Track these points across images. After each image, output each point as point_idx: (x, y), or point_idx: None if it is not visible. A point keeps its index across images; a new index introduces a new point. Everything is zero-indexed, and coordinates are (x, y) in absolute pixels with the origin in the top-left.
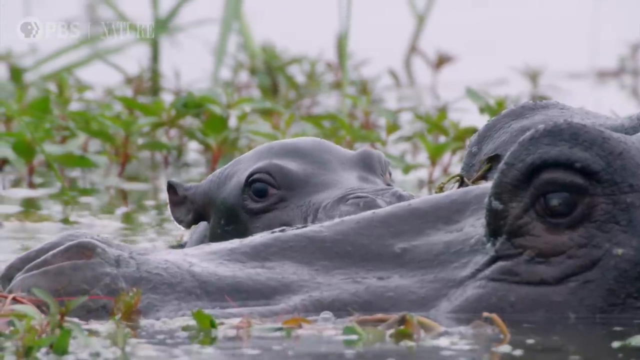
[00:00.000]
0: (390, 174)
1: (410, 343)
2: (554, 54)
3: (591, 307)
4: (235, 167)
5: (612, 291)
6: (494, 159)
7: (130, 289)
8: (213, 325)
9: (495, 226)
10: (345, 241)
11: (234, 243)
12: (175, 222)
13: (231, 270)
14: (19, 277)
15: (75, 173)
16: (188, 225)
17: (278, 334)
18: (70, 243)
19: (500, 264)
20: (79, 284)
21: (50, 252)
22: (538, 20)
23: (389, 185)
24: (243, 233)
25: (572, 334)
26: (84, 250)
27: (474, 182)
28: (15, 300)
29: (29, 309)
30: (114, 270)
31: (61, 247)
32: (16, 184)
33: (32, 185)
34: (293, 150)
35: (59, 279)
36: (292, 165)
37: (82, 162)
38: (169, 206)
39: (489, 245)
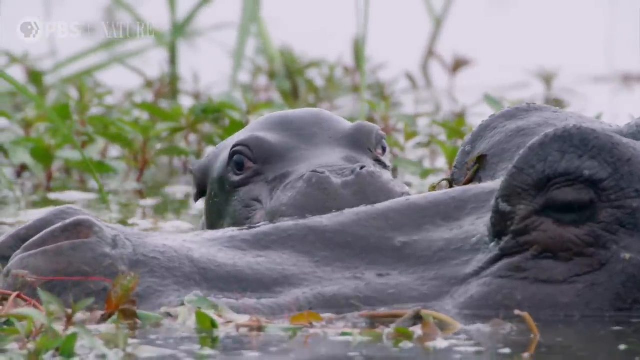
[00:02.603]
0: (384, 149)
1: (429, 343)
2: (571, 57)
3: (598, 311)
4: (230, 139)
5: (619, 295)
6: (481, 159)
7: (129, 272)
8: (214, 325)
9: (502, 227)
10: (345, 232)
11: (233, 231)
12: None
13: (231, 258)
14: (16, 255)
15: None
16: (195, 199)
17: (289, 333)
18: (68, 221)
19: (506, 260)
20: (79, 265)
21: (49, 230)
22: (554, 23)
23: (377, 160)
24: (225, 206)
25: (578, 333)
26: (81, 229)
27: (464, 184)
28: (18, 298)
29: (32, 311)
30: (113, 252)
31: (59, 225)
32: (35, 189)
33: (50, 191)
34: (284, 122)
35: (58, 259)
36: (275, 138)
37: (100, 167)
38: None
39: (492, 244)
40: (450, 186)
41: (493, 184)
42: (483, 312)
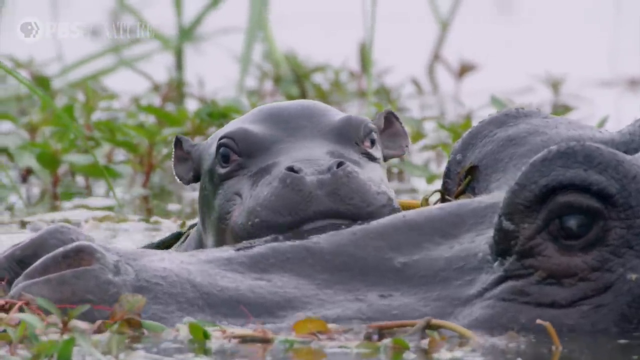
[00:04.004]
0: (372, 141)
1: (446, 355)
2: (576, 62)
3: (603, 332)
4: (221, 130)
5: (625, 316)
6: (473, 170)
7: (134, 295)
8: (206, 336)
9: (505, 246)
10: (344, 253)
11: (229, 252)
12: (177, 179)
13: (232, 282)
14: (19, 284)
15: (100, 183)
16: (188, 183)
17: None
18: (69, 247)
19: (510, 283)
20: (83, 294)
21: (50, 256)
22: (560, 29)
23: (364, 153)
24: (212, 199)
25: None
26: (83, 255)
27: (456, 197)
28: (24, 307)
29: (31, 317)
30: (116, 278)
31: (59, 251)
32: (41, 195)
33: (56, 196)
34: (273, 114)
35: (62, 289)
36: (261, 130)
37: (106, 172)
38: (173, 161)
39: (496, 264)
40: (443, 197)
41: (489, 198)
42: (488, 334)
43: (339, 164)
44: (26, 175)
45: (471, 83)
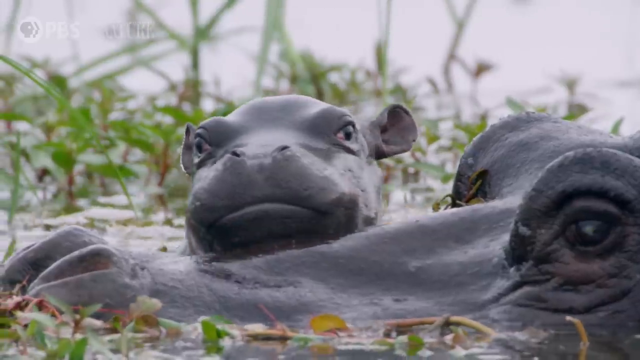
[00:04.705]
0: (348, 134)
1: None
2: (593, 62)
3: (621, 337)
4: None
5: None
6: (483, 174)
7: (151, 299)
8: (219, 335)
9: (522, 251)
10: (358, 258)
11: (244, 255)
12: (182, 167)
13: (249, 286)
14: (35, 286)
15: (117, 182)
16: (191, 174)
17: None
18: (85, 251)
19: (526, 289)
20: (100, 297)
21: (66, 259)
22: (576, 28)
23: (336, 144)
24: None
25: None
26: (99, 259)
27: (467, 201)
28: (39, 305)
29: (43, 316)
30: (133, 282)
31: (76, 255)
32: (57, 194)
33: (71, 196)
34: (255, 106)
35: (80, 292)
36: (235, 121)
37: (122, 172)
38: (182, 149)
39: (512, 270)
40: (454, 201)
41: (503, 204)
42: (506, 334)
43: (282, 149)
44: (42, 175)
45: (488, 82)
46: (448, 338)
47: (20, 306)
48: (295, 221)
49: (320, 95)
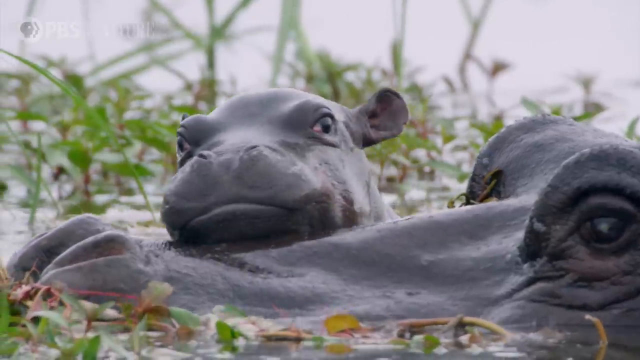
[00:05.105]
0: (326, 127)
1: (477, 350)
2: (609, 61)
3: (636, 335)
4: None
5: None
6: (498, 174)
7: (161, 284)
8: (234, 335)
9: (536, 247)
10: (370, 249)
11: (257, 246)
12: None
13: (262, 275)
14: (49, 271)
15: (131, 182)
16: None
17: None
18: (100, 237)
19: (540, 285)
20: (114, 282)
21: (80, 245)
22: (593, 27)
23: (312, 137)
24: None
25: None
26: (114, 245)
27: (481, 201)
28: (48, 293)
29: (55, 314)
30: (147, 268)
31: (90, 240)
32: (73, 192)
33: (87, 194)
34: (235, 102)
35: (94, 276)
36: (214, 119)
37: (137, 170)
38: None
39: (526, 266)
40: (468, 200)
41: (517, 202)
42: (520, 332)
43: (250, 149)
44: (58, 173)
45: (504, 81)
46: (463, 338)
47: (29, 295)
48: (264, 220)
49: (336, 95)
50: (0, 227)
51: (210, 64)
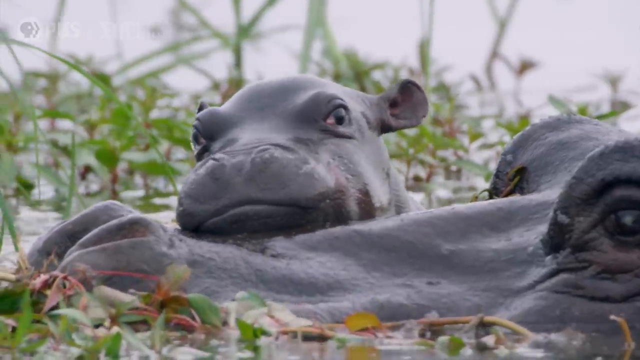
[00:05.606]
0: (340, 118)
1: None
2: (637, 59)
3: None
4: None
5: None
6: (521, 171)
7: (181, 265)
8: (256, 334)
9: (560, 240)
10: (391, 236)
11: (277, 233)
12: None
13: (284, 260)
14: (72, 252)
15: (158, 181)
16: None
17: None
18: (124, 219)
19: (563, 276)
20: (138, 263)
21: (104, 227)
22: (620, 25)
23: (326, 130)
24: None
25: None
26: (138, 227)
27: (504, 197)
28: (64, 280)
29: (76, 313)
30: (170, 251)
31: (114, 223)
32: (100, 191)
33: (114, 193)
34: (247, 93)
35: (118, 257)
36: (227, 112)
37: (164, 169)
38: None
39: (548, 258)
40: (491, 196)
41: (540, 196)
42: (540, 326)
43: (262, 151)
44: (85, 172)
45: (531, 80)
46: (488, 339)
47: (47, 284)
48: (277, 220)
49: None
50: (33, 227)
51: (238, 62)
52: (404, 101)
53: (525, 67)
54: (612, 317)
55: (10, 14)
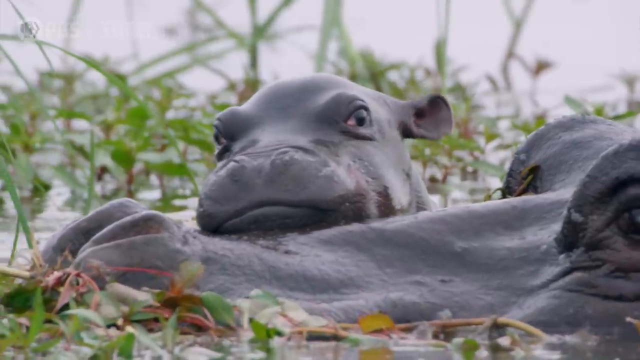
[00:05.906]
0: (360, 120)
1: (521, 353)
2: None
3: None
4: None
5: None
6: (535, 170)
7: (194, 261)
8: (269, 335)
9: (574, 238)
10: (404, 232)
11: (291, 230)
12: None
13: (297, 256)
14: (86, 248)
15: (174, 182)
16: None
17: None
18: (138, 216)
19: (576, 274)
20: (152, 260)
21: (118, 224)
22: (637, 24)
23: (346, 132)
24: None
25: None
26: (152, 224)
27: (517, 196)
28: (77, 277)
29: (88, 313)
30: (185, 248)
31: (128, 219)
32: (116, 192)
33: (130, 194)
34: (269, 93)
35: (132, 253)
36: (248, 112)
37: (181, 170)
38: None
39: (562, 257)
40: (504, 195)
41: (554, 195)
42: (554, 326)
43: (282, 152)
44: (101, 173)
45: (547, 80)
46: (503, 340)
47: (60, 282)
48: (296, 221)
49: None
50: (52, 226)
51: (253, 63)
52: (430, 114)
53: (541, 67)
54: (628, 319)
55: (26, 13)
